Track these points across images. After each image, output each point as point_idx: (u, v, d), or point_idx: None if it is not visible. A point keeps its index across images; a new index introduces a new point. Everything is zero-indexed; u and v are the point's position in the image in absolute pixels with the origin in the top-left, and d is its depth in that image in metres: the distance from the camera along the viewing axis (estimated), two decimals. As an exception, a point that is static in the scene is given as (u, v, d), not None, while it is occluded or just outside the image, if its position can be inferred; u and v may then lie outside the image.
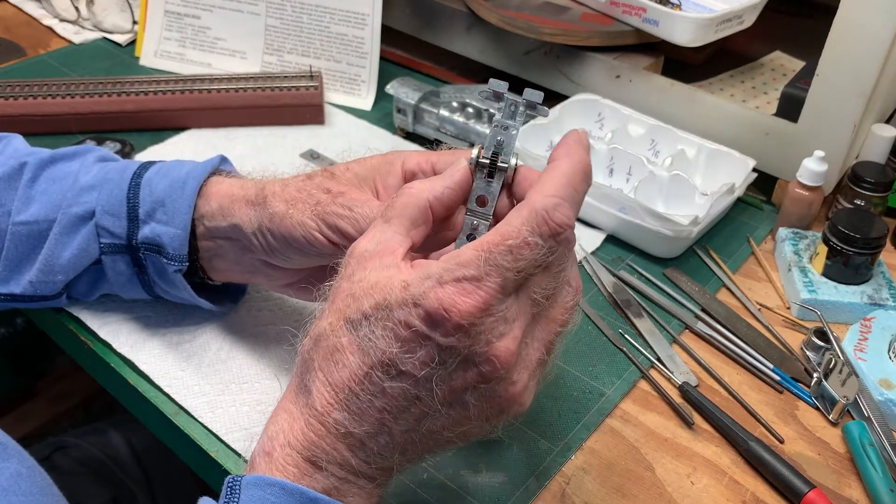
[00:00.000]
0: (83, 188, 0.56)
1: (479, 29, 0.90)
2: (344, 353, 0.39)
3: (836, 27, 0.66)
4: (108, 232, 0.55)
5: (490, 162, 0.43)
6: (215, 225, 0.54)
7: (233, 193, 0.53)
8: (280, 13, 0.91)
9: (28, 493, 0.39)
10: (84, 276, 0.58)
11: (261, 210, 0.51)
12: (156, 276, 0.56)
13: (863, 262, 0.64)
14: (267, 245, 0.51)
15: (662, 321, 0.64)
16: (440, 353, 0.37)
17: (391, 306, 0.37)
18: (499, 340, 0.38)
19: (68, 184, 0.57)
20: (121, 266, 0.56)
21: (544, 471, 0.52)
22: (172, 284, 0.56)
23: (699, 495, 0.51)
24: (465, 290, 0.37)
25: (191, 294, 0.56)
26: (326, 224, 0.48)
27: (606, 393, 0.58)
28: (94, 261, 0.56)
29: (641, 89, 0.82)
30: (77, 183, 0.56)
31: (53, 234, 0.56)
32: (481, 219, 0.43)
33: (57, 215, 0.56)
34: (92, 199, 0.55)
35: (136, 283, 0.57)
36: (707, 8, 0.86)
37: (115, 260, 0.56)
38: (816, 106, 0.70)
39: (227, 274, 0.57)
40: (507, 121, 0.44)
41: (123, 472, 0.86)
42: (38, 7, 1.08)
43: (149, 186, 0.55)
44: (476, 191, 0.44)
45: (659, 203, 0.73)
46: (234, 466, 0.51)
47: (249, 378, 0.57)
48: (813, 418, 0.57)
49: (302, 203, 0.49)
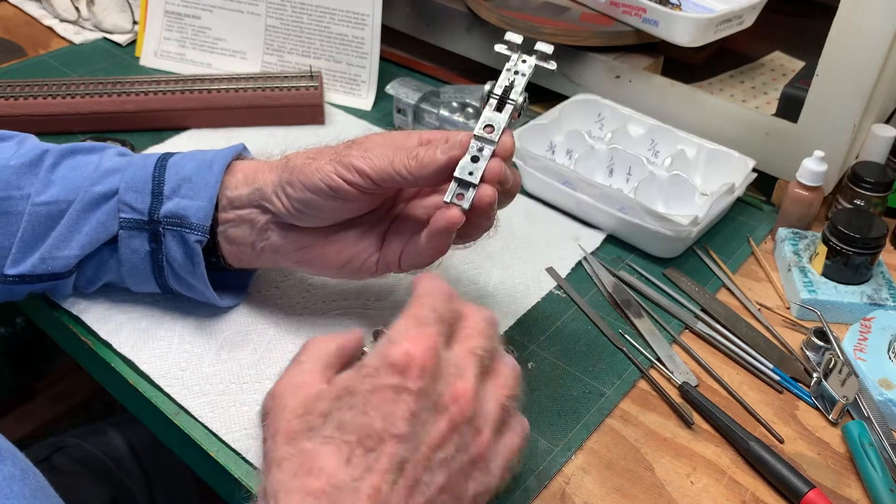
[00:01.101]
0: (107, 171, 0.57)
1: (479, 29, 0.90)
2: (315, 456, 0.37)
3: (835, 27, 0.66)
4: (129, 207, 0.55)
5: (501, 95, 0.50)
6: (237, 194, 0.55)
7: (257, 165, 0.56)
8: (280, 13, 0.91)
9: (21, 496, 0.39)
10: (95, 255, 0.57)
11: (282, 169, 0.53)
12: (173, 253, 0.56)
13: (862, 262, 0.64)
14: (288, 200, 0.53)
15: (662, 321, 0.64)
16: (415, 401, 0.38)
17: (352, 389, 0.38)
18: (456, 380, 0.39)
19: (90, 169, 0.57)
20: (136, 243, 0.56)
21: (544, 470, 0.52)
22: (188, 263, 0.56)
23: (699, 495, 0.51)
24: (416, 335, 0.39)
25: (203, 276, 0.56)
26: (343, 165, 0.50)
27: (606, 393, 0.58)
28: (110, 237, 0.56)
29: (641, 89, 0.82)
30: (100, 167, 0.57)
31: (72, 211, 0.55)
32: (486, 143, 0.49)
33: (76, 195, 0.56)
34: (116, 180, 0.56)
35: (147, 266, 0.57)
36: (707, 8, 0.86)
37: (133, 236, 0.56)
38: (816, 106, 0.70)
39: (243, 251, 0.57)
40: (519, 65, 0.52)
41: (123, 472, 0.85)
42: (39, 7, 1.08)
43: (175, 167, 0.56)
44: (484, 120, 0.50)
45: (659, 203, 0.73)
46: (235, 466, 0.51)
47: (249, 378, 0.57)
48: (813, 418, 0.57)
49: (321, 156, 0.52)
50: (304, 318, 0.62)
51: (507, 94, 0.51)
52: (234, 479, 0.51)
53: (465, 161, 0.48)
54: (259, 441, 0.42)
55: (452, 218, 0.48)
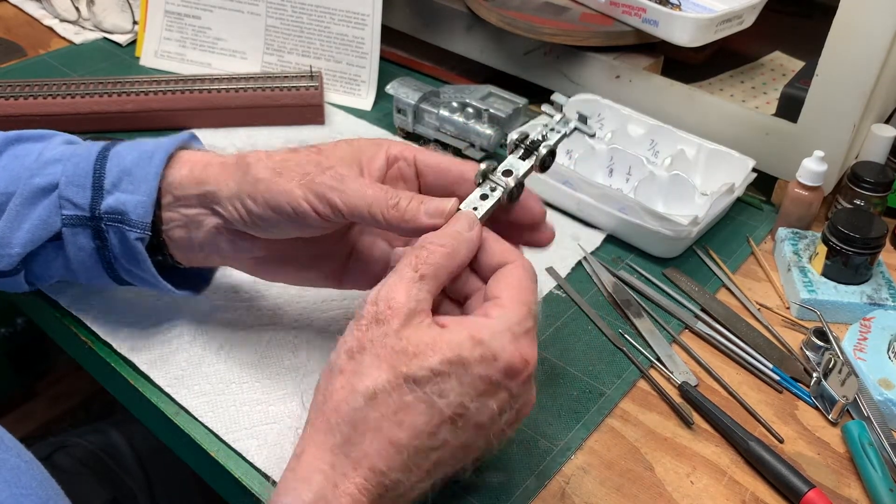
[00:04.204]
0: (48, 161, 0.53)
1: (479, 29, 0.90)
2: (409, 411, 0.39)
3: (835, 27, 0.66)
4: (71, 203, 0.52)
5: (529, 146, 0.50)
6: (184, 193, 0.52)
7: (206, 160, 0.52)
8: (280, 13, 0.91)
9: (27, 486, 0.39)
10: (41, 253, 0.54)
11: (242, 176, 0.49)
12: (117, 251, 0.53)
13: (862, 262, 0.64)
14: (246, 213, 0.49)
15: (662, 321, 0.64)
16: (511, 399, 0.41)
17: (467, 362, 0.40)
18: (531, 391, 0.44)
19: (31, 159, 0.54)
20: (82, 240, 0.53)
21: (544, 470, 0.52)
22: (134, 261, 0.53)
23: (699, 495, 0.51)
24: (532, 339, 0.42)
25: (151, 272, 0.53)
26: (315, 194, 0.47)
27: (606, 392, 0.58)
28: (54, 234, 0.53)
29: (641, 89, 0.82)
30: (41, 157, 0.54)
31: (13, 206, 0.53)
32: (499, 185, 0.48)
33: (15, 188, 0.53)
34: (57, 171, 0.53)
35: (96, 262, 0.54)
36: (707, 8, 0.86)
37: (77, 233, 0.53)
38: (816, 106, 0.70)
39: (191, 252, 0.54)
40: (556, 124, 0.53)
41: (124, 471, 0.85)
42: (39, 7, 1.08)
43: (117, 157, 0.53)
44: (506, 164, 0.49)
45: (659, 203, 0.73)
46: (235, 466, 0.51)
47: (249, 378, 0.57)
48: (812, 418, 0.57)
49: (289, 172, 0.48)
50: (304, 318, 0.62)
51: (536, 146, 0.50)
52: (235, 478, 0.51)
53: (473, 196, 0.48)
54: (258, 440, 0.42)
55: None
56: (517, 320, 0.41)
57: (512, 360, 0.40)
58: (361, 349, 0.40)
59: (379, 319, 0.41)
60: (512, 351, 0.40)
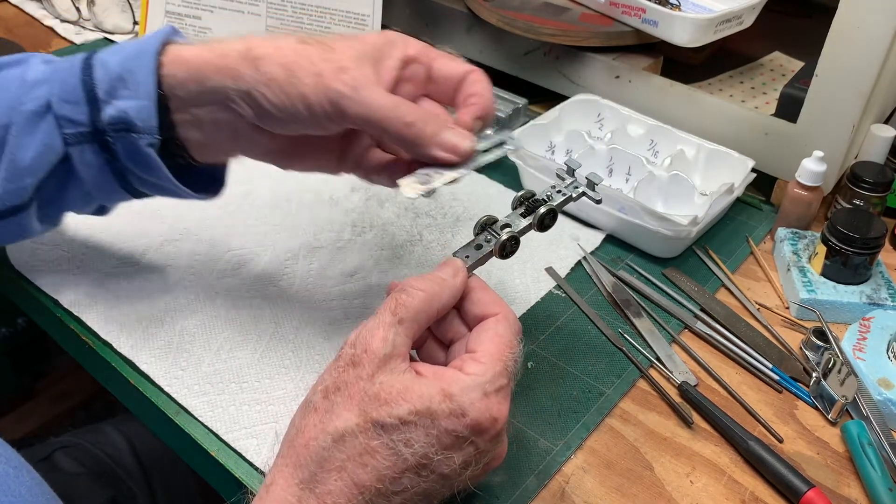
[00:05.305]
0: (32, 83, 0.51)
1: (479, 29, 0.91)
2: (374, 455, 0.40)
3: (835, 27, 0.66)
4: (69, 121, 0.50)
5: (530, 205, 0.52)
6: (188, 93, 0.49)
7: (203, 57, 0.49)
8: (280, 14, 0.91)
9: (17, 493, 0.39)
10: (51, 178, 0.52)
11: (252, 72, 0.47)
12: (128, 160, 0.51)
13: (862, 262, 0.64)
14: (259, 110, 0.48)
15: (662, 321, 0.64)
16: (477, 454, 0.42)
17: (436, 415, 0.40)
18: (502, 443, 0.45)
19: (15, 85, 0.51)
20: (89, 156, 0.51)
21: (544, 470, 0.52)
22: (147, 167, 0.51)
23: (698, 494, 0.51)
24: (504, 397, 0.43)
25: (167, 177, 0.52)
26: (329, 101, 0.46)
27: (606, 392, 0.58)
28: (60, 157, 0.51)
29: (641, 90, 0.82)
30: (25, 82, 0.51)
31: (12, 137, 0.51)
32: (495, 237, 0.50)
33: (10, 118, 0.51)
34: (44, 92, 0.50)
35: (108, 176, 0.52)
36: (706, 8, 0.86)
37: (83, 150, 0.51)
38: (815, 106, 0.70)
39: (209, 147, 0.53)
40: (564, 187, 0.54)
41: (124, 471, 0.85)
42: (39, 7, 1.08)
43: (103, 66, 0.50)
44: (505, 220, 0.51)
45: (658, 203, 0.73)
46: (235, 466, 0.52)
47: (249, 378, 0.57)
48: (812, 418, 0.57)
49: (302, 71, 0.46)
50: (304, 318, 0.62)
51: (538, 205, 0.52)
52: (235, 478, 0.51)
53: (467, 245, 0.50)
54: (258, 440, 0.43)
55: None
56: (490, 378, 0.42)
57: (480, 417, 0.41)
58: (336, 390, 0.42)
59: (355, 362, 0.42)
60: (481, 408, 0.41)
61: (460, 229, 0.73)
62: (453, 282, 0.46)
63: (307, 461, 0.40)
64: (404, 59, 0.50)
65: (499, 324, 0.45)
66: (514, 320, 0.46)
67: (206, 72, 0.48)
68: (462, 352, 0.46)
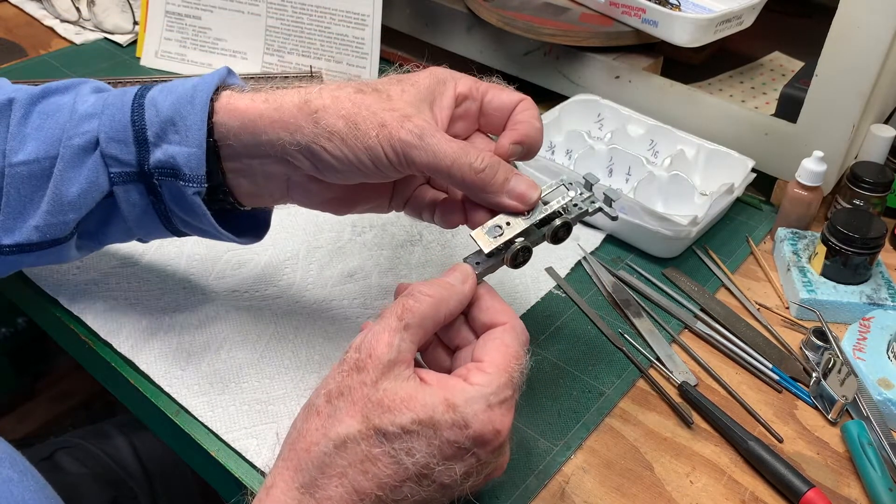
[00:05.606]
0: (82, 117, 0.50)
1: (479, 29, 0.91)
2: (375, 463, 0.40)
3: (835, 27, 0.66)
4: (116, 160, 0.50)
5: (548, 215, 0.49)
6: (241, 144, 0.49)
7: (258, 108, 0.48)
8: (280, 14, 0.91)
9: (21, 499, 0.39)
10: (94, 213, 0.52)
11: (312, 126, 0.46)
12: (173, 204, 0.51)
13: (861, 262, 0.64)
14: (319, 163, 0.47)
15: (662, 321, 0.64)
16: (478, 465, 0.42)
17: (438, 426, 0.40)
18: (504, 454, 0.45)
19: (65, 116, 0.51)
20: (134, 196, 0.51)
21: (544, 470, 0.52)
22: (192, 212, 0.51)
23: (698, 494, 0.51)
24: (508, 409, 0.42)
25: (210, 223, 0.51)
26: (395, 151, 0.46)
27: (606, 392, 0.58)
28: (105, 194, 0.51)
29: (641, 90, 0.82)
30: (75, 113, 0.51)
31: (58, 171, 0.50)
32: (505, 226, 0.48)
33: (58, 150, 0.50)
34: (93, 128, 0.50)
35: (152, 216, 0.52)
36: (706, 8, 0.86)
37: (128, 190, 0.51)
38: (815, 106, 0.70)
39: (257, 196, 0.52)
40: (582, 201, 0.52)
41: (125, 472, 0.86)
42: (39, 7, 1.09)
43: (154, 106, 0.50)
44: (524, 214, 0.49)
45: (658, 203, 0.73)
46: (235, 466, 0.52)
47: (249, 378, 0.57)
48: (812, 418, 0.57)
49: (364, 122, 0.46)
50: (304, 318, 0.62)
51: (554, 217, 0.49)
52: (235, 478, 0.51)
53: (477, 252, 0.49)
54: (258, 440, 0.43)
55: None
56: (494, 389, 0.42)
57: (482, 429, 0.41)
58: (339, 394, 0.41)
59: (359, 367, 0.41)
60: (483, 420, 0.41)
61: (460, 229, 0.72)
62: (462, 288, 0.46)
63: (308, 465, 0.40)
64: (457, 97, 0.50)
65: (506, 333, 0.45)
66: (521, 331, 0.46)
67: (260, 124, 0.48)
68: (468, 359, 0.45)
